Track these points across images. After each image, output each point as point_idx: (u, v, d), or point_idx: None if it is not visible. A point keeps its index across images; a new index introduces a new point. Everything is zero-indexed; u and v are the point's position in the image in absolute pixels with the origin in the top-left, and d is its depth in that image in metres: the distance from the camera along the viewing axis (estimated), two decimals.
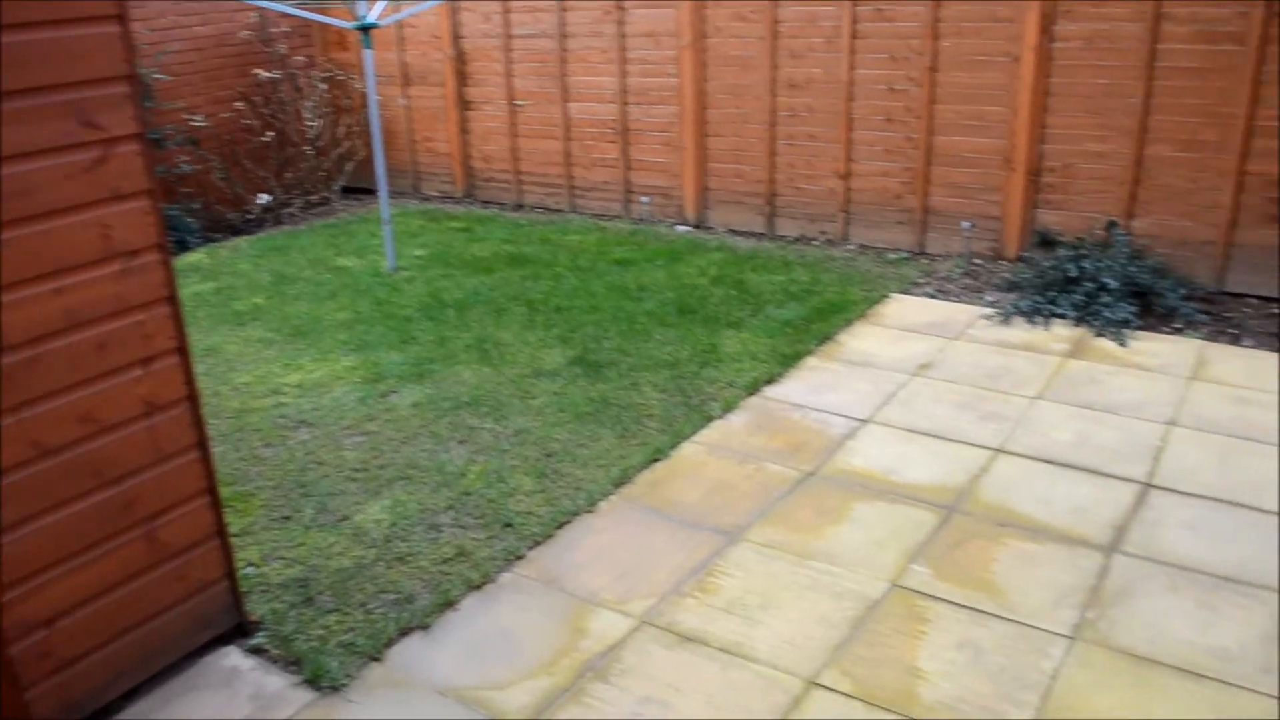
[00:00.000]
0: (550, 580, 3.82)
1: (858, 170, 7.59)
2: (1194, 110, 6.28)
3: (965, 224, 7.23)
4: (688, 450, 4.74)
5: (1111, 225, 6.66)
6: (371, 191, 9.32)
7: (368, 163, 9.10)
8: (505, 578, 3.83)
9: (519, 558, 3.94)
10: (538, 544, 4.02)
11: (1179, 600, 3.60)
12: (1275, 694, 3.15)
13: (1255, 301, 6.32)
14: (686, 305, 6.49)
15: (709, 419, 5.01)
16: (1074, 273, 6.24)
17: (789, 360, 5.64)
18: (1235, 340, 5.80)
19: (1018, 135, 6.86)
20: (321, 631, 3.53)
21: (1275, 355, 5.58)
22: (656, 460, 4.63)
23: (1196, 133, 6.30)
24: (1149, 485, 4.34)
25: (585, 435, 4.86)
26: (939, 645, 3.40)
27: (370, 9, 7.17)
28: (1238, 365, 5.47)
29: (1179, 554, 3.86)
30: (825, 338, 5.97)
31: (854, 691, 3.21)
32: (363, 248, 8.17)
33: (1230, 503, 4.19)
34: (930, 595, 3.66)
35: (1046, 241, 6.91)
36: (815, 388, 5.35)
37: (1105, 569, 3.78)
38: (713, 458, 4.67)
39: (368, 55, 7.24)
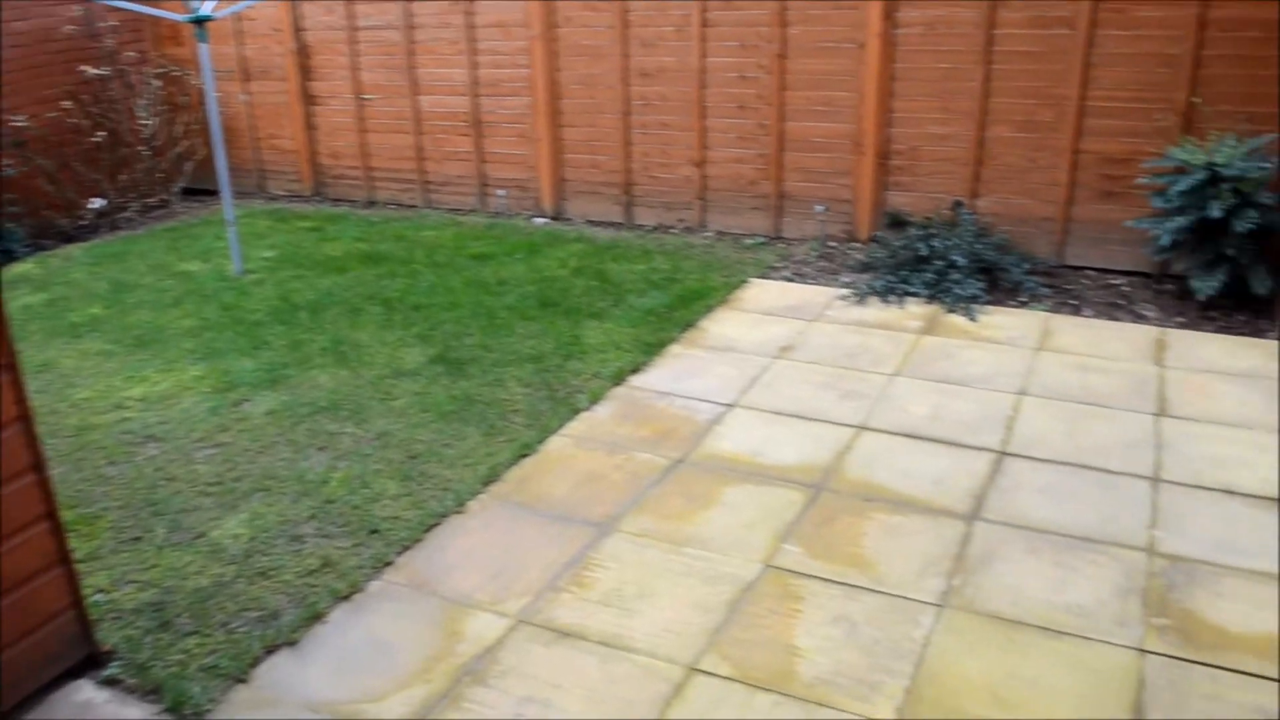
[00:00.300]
0: (421, 585, 3.72)
1: (712, 158, 7.66)
2: (1030, 92, 6.54)
3: (819, 207, 7.37)
4: (556, 444, 4.69)
5: (957, 205, 6.89)
6: (214, 192, 8.92)
7: (208, 162, 8.69)
8: (374, 586, 3.72)
9: (388, 564, 3.83)
10: (406, 549, 3.92)
11: (1038, 562, 3.73)
12: (1130, 645, 3.29)
13: (1093, 273, 6.63)
14: (548, 298, 6.43)
15: (576, 411, 4.97)
16: (924, 252, 6.43)
17: (653, 349, 5.65)
18: (1076, 311, 6.07)
19: (866, 120, 7.02)
20: (181, 656, 3.36)
21: (1112, 324, 5.86)
22: (524, 456, 4.56)
23: (1033, 114, 6.57)
24: (1004, 453, 4.50)
25: (450, 434, 4.76)
26: (814, 622, 3.45)
27: (204, 1, 6.85)
28: (1080, 335, 5.73)
29: (1035, 518, 4.01)
30: (688, 325, 6.00)
31: (734, 674, 3.22)
32: (207, 251, 7.84)
33: (1079, 466, 4.38)
34: (803, 573, 3.70)
35: (897, 222, 7.10)
36: (680, 375, 5.37)
37: (968, 536, 3.90)
38: (581, 450, 4.63)
39: (203, 49, 6.92)
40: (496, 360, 5.53)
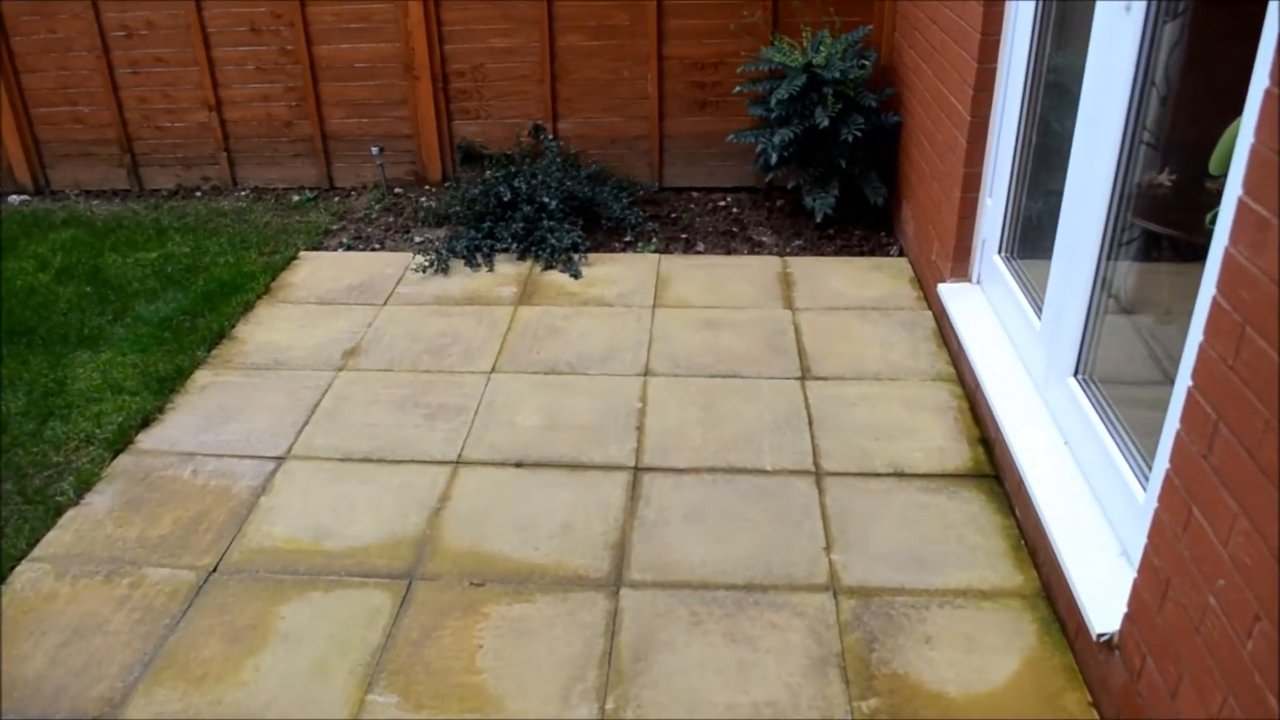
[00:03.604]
0: None
1: (230, 97, 6.05)
2: None
3: (375, 148, 6.02)
4: (28, 577, 3.18)
5: (538, 130, 5.83)
6: None
7: None
8: None
9: None
10: None
11: (706, 641, 2.84)
12: None
13: (697, 195, 5.85)
14: (19, 322, 4.70)
15: (58, 510, 3.46)
16: (508, 196, 5.31)
17: (169, 383, 4.17)
18: (689, 247, 5.26)
19: (413, 36, 5.72)
20: None
21: (729, 259, 5.11)
22: None
23: (607, 17, 5.57)
24: (639, 469, 3.58)
25: None
26: None
27: None
28: (698, 279, 4.92)
29: (690, 564, 3.13)
30: (219, 336, 4.55)
31: None
32: None
33: (728, 470, 3.55)
34: None
35: (472, 156, 5.95)
36: (211, 418, 3.97)
37: (614, 616, 2.94)
38: (66, 582, 3.16)
39: None
40: None
